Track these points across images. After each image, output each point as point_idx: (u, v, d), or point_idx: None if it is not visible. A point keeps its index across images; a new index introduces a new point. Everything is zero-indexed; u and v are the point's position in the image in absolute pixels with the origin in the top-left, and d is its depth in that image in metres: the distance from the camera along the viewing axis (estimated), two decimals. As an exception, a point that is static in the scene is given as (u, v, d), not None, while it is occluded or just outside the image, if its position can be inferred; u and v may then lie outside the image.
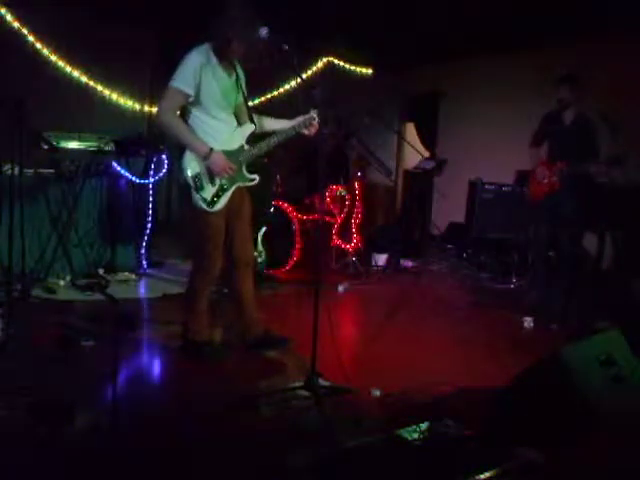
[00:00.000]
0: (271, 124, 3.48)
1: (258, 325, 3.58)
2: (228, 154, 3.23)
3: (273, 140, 3.34)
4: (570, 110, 4.72)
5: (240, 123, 3.38)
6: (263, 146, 3.33)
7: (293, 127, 3.36)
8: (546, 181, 4.77)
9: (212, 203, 3.21)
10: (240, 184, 3.32)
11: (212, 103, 3.19)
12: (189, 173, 3.19)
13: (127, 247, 5.43)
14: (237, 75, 3.32)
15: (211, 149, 3.15)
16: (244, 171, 3.33)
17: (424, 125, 8.42)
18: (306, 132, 3.38)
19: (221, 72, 3.21)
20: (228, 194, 3.26)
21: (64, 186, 4.90)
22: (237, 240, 3.42)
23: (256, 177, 3.36)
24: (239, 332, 3.61)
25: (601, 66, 5.67)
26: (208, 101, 3.17)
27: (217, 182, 3.22)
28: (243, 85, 3.38)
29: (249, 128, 3.35)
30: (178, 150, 3.25)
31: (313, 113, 3.33)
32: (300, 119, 3.37)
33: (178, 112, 3.20)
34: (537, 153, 4.95)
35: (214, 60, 3.17)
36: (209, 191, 3.21)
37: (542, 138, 4.94)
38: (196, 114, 3.20)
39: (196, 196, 3.20)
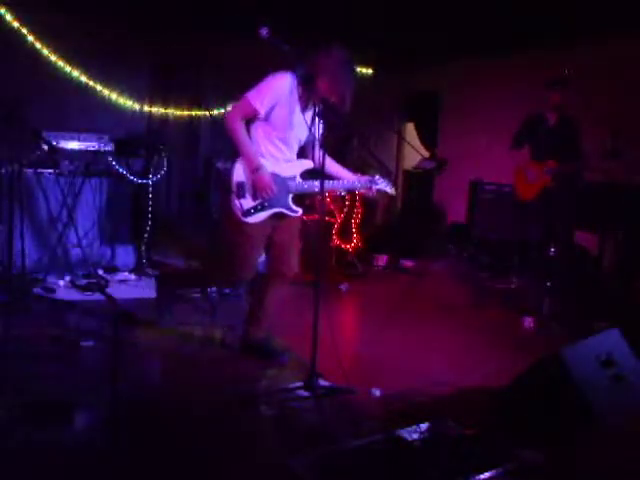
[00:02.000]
0: (332, 168, 3.45)
1: (259, 329, 3.55)
2: (277, 178, 3.25)
3: (331, 187, 3.43)
4: (554, 112, 4.77)
5: (302, 157, 3.42)
6: (317, 188, 3.30)
7: (351, 184, 3.43)
8: (537, 181, 4.81)
9: (247, 214, 3.23)
10: (282, 210, 3.33)
11: (280, 128, 3.20)
12: (235, 179, 3.23)
13: (127, 247, 5.42)
14: (314, 114, 3.21)
15: (261, 165, 3.17)
16: (289, 200, 3.33)
17: (424, 125, 8.42)
18: (363, 192, 3.49)
19: (298, 106, 3.22)
20: (266, 213, 3.27)
21: (64, 186, 4.90)
22: (278, 253, 3.48)
23: (299, 211, 3.39)
24: (241, 334, 3.60)
25: (601, 66, 5.67)
26: (276, 125, 3.19)
27: (259, 198, 3.24)
28: (318, 125, 3.27)
29: (308, 164, 3.38)
30: (232, 154, 3.29)
31: (376, 178, 3.41)
32: (359, 179, 3.42)
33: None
34: (519, 155, 5.00)
35: (296, 93, 3.18)
36: (248, 202, 3.23)
37: (524, 140, 4.98)
38: (261, 128, 3.22)
39: (235, 202, 3.22)
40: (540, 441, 2.38)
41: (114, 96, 6.32)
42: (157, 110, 6.70)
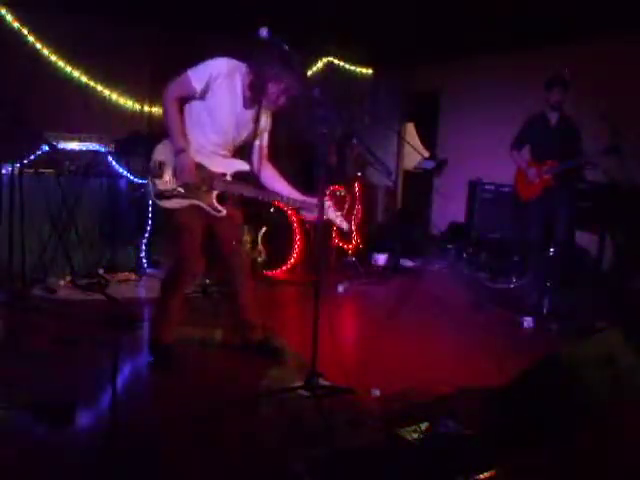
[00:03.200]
0: (273, 181, 3.30)
1: (256, 331, 3.52)
2: (203, 170, 3.12)
3: (259, 196, 3.18)
4: (555, 112, 4.78)
5: (238, 157, 3.29)
6: (243, 191, 3.18)
7: (289, 201, 3.22)
8: (537, 180, 4.82)
9: (160, 196, 3.10)
10: (202, 205, 3.15)
11: (217, 118, 3.10)
12: (155, 157, 3.12)
13: (127, 247, 5.42)
14: (258, 116, 3.17)
15: (186, 148, 3.03)
16: (213, 197, 3.18)
17: (424, 125, 8.42)
18: (303, 213, 3.26)
19: (240, 100, 3.12)
20: (182, 201, 3.12)
21: (64, 186, 4.90)
22: (223, 243, 3.33)
23: (223, 211, 3.18)
24: (241, 334, 3.58)
25: (601, 66, 5.68)
26: (214, 113, 3.09)
27: (176, 182, 3.09)
28: (262, 129, 3.26)
29: (244, 166, 3.22)
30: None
31: (326, 206, 3.13)
32: (302, 199, 3.21)
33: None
34: (520, 155, 5.01)
35: (240, 86, 3.09)
36: (164, 184, 3.09)
37: (525, 140, 4.98)
38: (198, 115, 3.11)
39: (150, 180, 3.12)
40: (540, 441, 2.38)
41: (114, 96, 6.32)
42: (157, 110, 6.70)
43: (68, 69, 6.01)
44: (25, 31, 5.76)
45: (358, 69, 7.82)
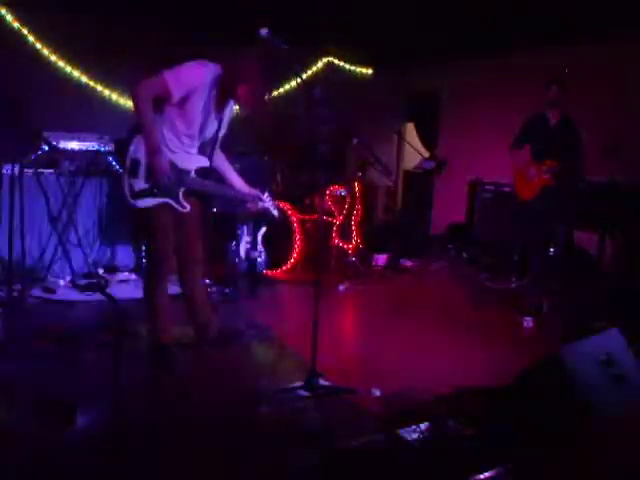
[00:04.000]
0: (226, 171, 3.47)
1: (212, 325, 3.53)
2: (174, 168, 3.15)
3: (219, 191, 3.44)
4: (555, 112, 4.79)
5: (201, 153, 3.33)
6: (208, 188, 3.32)
7: (238, 192, 3.42)
8: (536, 180, 4.83)
9: (136, 196, 3.12)
10: (169, 202, 3.19)
11: (188, 120, 3.12)
12: (130, 155, 3.11)
13: (127, 247, 5.42)
14: (224, 114, 3.26)
15: (161, 149, 3.06)
16: (180, 195, 3.21)
17: (424, 125, 8.42)
18: (248, 205, 3.47)
19: (212, 103, 3.14)
20: (155, 200, 3.15)
21: (64, 186, 4.90)
22: (185, 237, 3.36)
23: (187, 207, 3.24)
24: (194, 332, 3.55)
25: (601, 66, 5.68)
26: (187, 115, 3.09)
27: (150, 182, 3.11)
28: (224, 124, 3.34)
29: (204, 162, 3.30)
30: (133, 129, 3.18)
31: (264, 196, 3.45)
32: (248, 191, 3.43)
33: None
34: (519, 155, 5.01)
35: (214, 89, 3.10)
36: (139, 183, 3.11)
37: (525, 140, 4.99)
38: (169, 114, 3.10)
39: (125, 180, 3.12)
40: (540, 441, 2.38)
41: (114, 96, 6.32)
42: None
43: (68, 69, 6.02)
44: (25, 31, 5.76)
45: (358, 69, 7.82)
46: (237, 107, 3.41)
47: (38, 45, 5.84)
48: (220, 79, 3.09)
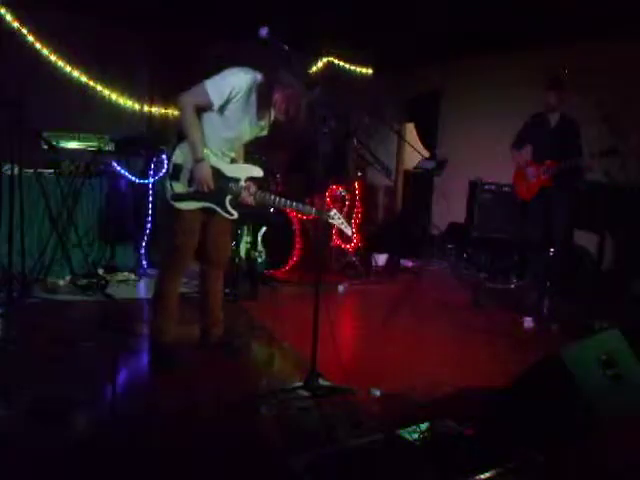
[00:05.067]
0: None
1: (220, 326, 3.57)
2: (218, 175, 3.21)
3: (278, 204, 3.30)
4: (555, 112, 4.79)
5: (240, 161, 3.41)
6: (262, 199, 3.29)
7: (302, 209, 3.37)
8: (535, 180, 4.83)
9: (176, 198, 3.19)
10: (215, 208, 3.26)
11: (229, 127, 3.17)
12: (173, 160, 3.20)
13: (127, 247, 5.42)
14: (263, 119, 3.26)
15: (203, 158, 3.13)
16: (226, 201, 3.27)
17: (424, 125, 8.42)
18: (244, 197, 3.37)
19: (252, 109, 3.16)
20: (196, 204, 3.22)
21: (64, 186, 4.90)
22: (213, 240, 3.40)
23: (234, 214, 3.30)
24: (201, 331, 3.60)
25: (601, 66, 5.67)
26: (227, 122, 3.15)
27: (192, 187, 3.18)
28: (264, 130, 3.35)
29: (256, 172, 3.32)
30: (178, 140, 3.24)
31: (332, 213, 3.28)
32: (314, 209, 3.34)
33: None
34: (520, 154, 5.01)
35: (253, 95, 3.12)
36: (181, 187, 3.19)
37: (526, 140, 4.99)
38: (211, 120, 3.16)
39: (168, 183, 3.19)
40: (540, 441, 2.38)
41: (114, 96, 6.32)
42: (157, 110, 6.71)
43: (68, 69, 6.01)
44: (25, 31, 5.76)
45: (358, 69, 7.81)
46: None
47: (38, 45, 5.83)
48: (259, 85, 3.11)
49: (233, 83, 3.05)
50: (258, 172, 3.33)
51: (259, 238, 5.67)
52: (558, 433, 2.40)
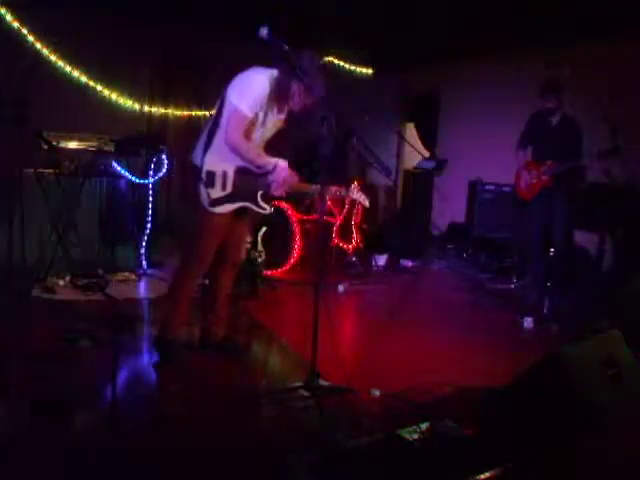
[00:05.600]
0: None
1: (221, 326, 3.59)
2: (249, 173, 3.26)
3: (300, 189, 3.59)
4: (556, 113, 4.79)
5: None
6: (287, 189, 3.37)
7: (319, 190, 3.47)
8: (535, 181, 4.83)
9: (214, 204, 3.23)
10: (249, 205, 3.33)
11: (260, 126, 3.23)
12: (205, 168, 3.21)
13: (127, 247, 5.42)
14: (282, 113, 3.33)
15: (277, 162, 3.22)
16: (258, 197, 3.34)
17: (424, 125, 8.42)
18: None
19: (275, 107, 3.23)
20: (233, 205, 3.28)
21: (64, 186, 4.90)
22: (234, 241, 3.45)
23: (267, 208, 3.39)
24: (201, 330, 3.63)
25: (601, 66, 5.68)
26: (257, 121, 3.19)
27: (227, 190, 3.23)
28: (282, 123, 3.41)
29: (283, 163, 3.33)
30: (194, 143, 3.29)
31: (352, 188, 3.72)
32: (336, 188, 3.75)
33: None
34: (524, 155, 5.01)
35: (273, 94, 3.16)
36: (216, 192, 3.23)
37: (529, 139, 4.98)
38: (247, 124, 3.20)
39: (204, 191, 3.22)
40: (540, 441, 2.38)
41: (114, 96, 6.32)
42: (157, 110, 6.71)
43: (68, 69, 6.01)
44: (25, 31, 5.76)
45: (358, 69, 7.81)
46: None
47: (38, 45, 5.83)
48: (276, 80, 3.14)
49: (259, 91, 3.11)
50: (283, 163, 3.34)
51: (259, 238, 5.67)
52: (558, 433, 2.40)
